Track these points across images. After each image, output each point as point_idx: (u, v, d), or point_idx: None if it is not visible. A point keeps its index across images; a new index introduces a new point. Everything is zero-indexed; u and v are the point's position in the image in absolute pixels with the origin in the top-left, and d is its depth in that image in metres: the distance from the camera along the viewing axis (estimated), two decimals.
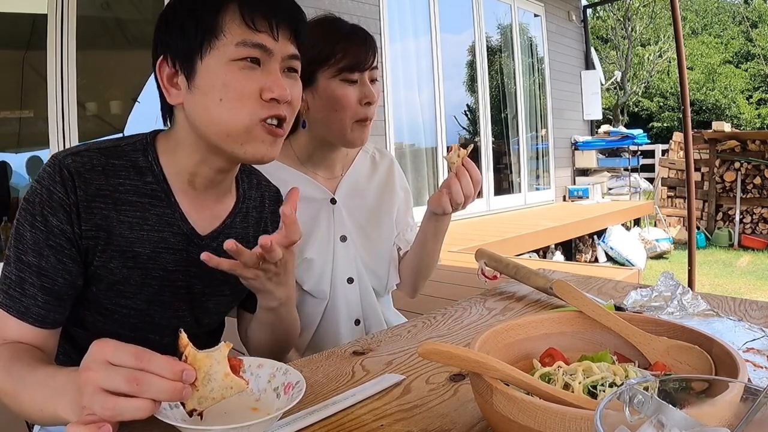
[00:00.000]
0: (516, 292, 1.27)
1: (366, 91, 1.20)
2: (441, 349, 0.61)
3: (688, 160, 4.00)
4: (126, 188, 0.86)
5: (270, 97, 0.82)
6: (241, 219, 0.99)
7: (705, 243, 7.34)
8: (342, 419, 0.71)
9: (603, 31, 18.24)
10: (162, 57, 0.84)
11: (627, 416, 0.40)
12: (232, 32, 0.81)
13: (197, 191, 0.91)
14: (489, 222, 5.89)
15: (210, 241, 0.93)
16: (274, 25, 0.83)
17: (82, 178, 0.82)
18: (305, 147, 1.29)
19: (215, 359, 0.62)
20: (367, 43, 1.21)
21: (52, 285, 0.81)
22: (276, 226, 1.03)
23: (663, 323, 0.75)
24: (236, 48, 0.81)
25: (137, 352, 0.59)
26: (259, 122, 0.83)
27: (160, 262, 0.89)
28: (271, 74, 0.83)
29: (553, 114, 7.69)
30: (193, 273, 0.93)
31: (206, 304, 0.97)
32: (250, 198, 1.02)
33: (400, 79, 5.54)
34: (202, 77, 0.82)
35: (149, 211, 0.87)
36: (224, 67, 0.81)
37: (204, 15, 0.82)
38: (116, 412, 0.58)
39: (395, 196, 1.41)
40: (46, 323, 0.82)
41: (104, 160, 0.85)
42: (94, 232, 0.83)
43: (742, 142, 7.38)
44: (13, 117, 4.28)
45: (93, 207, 0.83)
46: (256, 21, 0.82)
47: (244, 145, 0.84)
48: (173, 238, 0.89)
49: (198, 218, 0.92)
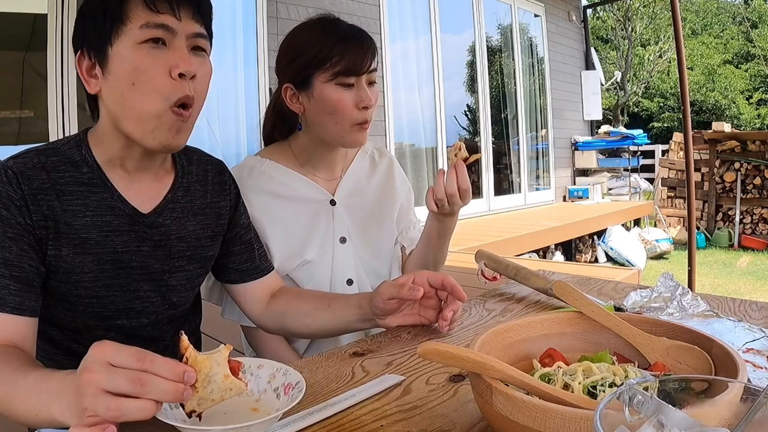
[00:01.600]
0: (516, 294, 1.27)
1: (363, 95, 1.18)
2: (441, 349, 0.61)
3: (688, 161, 4.00)
4: (66, 180, 0.91)
5: (178, 73, 0.86)
6: (183, 194, 1.03)
7: (705, 243, 7.33)
8: (342, 420, 0.71)
9: (603, 31, 18.24)
10: (80, 51, 0.89)
11: (627, 416, 0.40)
12: (137, 16, 0.85)
13: (131, 174, 0.96)
14: (489, 222, 5.89)
15: (155, 218, 0.97)
16: (175, 5, 0.87)
17: (25, 175, 0.87)
18: (304, 148, 1.29)
19: (215, 361, 0.63)
20: (365, 46, 1.19)
21: (20, 273, 0.85)
22: (221, 196, 1.09)
23: (663, 324, 0.75)
24: (141, 30, 0.85)
25: (138, 354, 0.60)
26: (169, 108, 0.87)
27: (108, 246, 0.93)
28: (177, 52, 0.87)
29: (553, 114, 7.69)
30: (146, 252, 0.97)
31: (169, 281, 1.01)
32: (191, 173, 1.06)
33: (400, 79, 5.54)
34: (114, 63, 0.86)
35: (89, 198, 0.92)
36: (132, 51, 0.85)
37: (111, 4, 0.86)
38: (120, 413, 0.58)
39: (396, 195, 1.41)
40: (23, 310, 0.84)
41: (43, 159, 0.90)
42: (43, 222, 0.88)
43: (742, 142, 7.38)
44: (13, 117, 4.28)
45: (39, 199, 0.88)
46: (157, 3, 0.86)
47: (153, 132, 0.88)
48: (116, 220, 0.94)
49: (137, 198, 0.96)
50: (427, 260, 1.33)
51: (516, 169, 7.18)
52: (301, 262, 1.26)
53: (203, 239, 1.05)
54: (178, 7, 0.87)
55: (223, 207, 1.09)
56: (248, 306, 1.16)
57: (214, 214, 1.08)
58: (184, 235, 1.02)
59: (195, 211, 1.04)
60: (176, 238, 1.01)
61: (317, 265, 1.27)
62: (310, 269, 1.27)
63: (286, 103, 1.24)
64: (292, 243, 1.26)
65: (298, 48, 1.20)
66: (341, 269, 1.30)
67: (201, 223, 1.05)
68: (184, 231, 1.02)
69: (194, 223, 1.04)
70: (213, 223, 1.07)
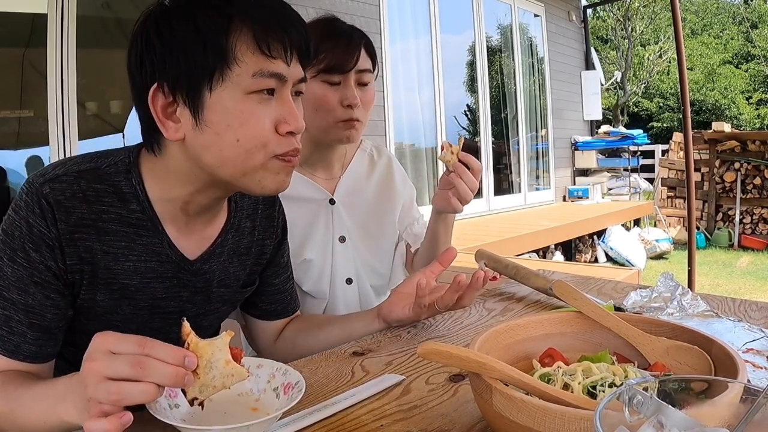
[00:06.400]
0: (516, 293, 1.27)
1: (348, 94, 1.18)
2: (441, 349, 0.61)
3: (688, 161, 4.00)
4: (110, 216, 0.79)
5: (287, 131, 0.77)
6: (233, 234, 0.93)
7: (705, 243, 7.33)
8: (342, 419, 0.71)
9: (603, 31, 18.23)
10: (156, 85, 0.73)
11: (626, 416, 0.40)
12: (247, 60, 0.72)
13: (188, 217, 0.85)
14: (489, 222, 5.88)
15: (201, 265, 0.88)
16: (288, 48, 0.75)
17: (62, 207, 0.76)
18: (303, 148, 1.29)
19: (217, 347, 0.63)
20: (352, 45, 1.18)
21: (41, 321, 0.77)
22: (268, 233, 1.00)
23: (662, 324, 0.75)
24: (253, 79, 0.73)
25: (139, 340, 0.60)
26: (274, 157, 0.77)
27: (148, 292, 0.84)
28: (285, 104, 0.77)
29: (553, 114, 7.69)
30: (185, 298, 0.89)
31: (201, 323, 0.94)
32: (242, 208, 0.96)
33: (400, 79, 5.53)
34: (213, 112, 0.73)
35: (135, 241, 0.81)
36: (240, 102, 0.73)
37: (211, 36, 0.71)
38: (121, 396, 0.57)
39: (396, 193, 1.41)
40: (38, 358, 0.78)
41: (85, 185, 0.78)
42: (78, 265, 0.78)
43: (742, 142, 7.38)
44: (12, 116, 4.28)
45: (76, 239, 0.77)
46: (271, 46, 0.73)
47: (261, 181, 0.78)
48: (161, 267, 0.84)
49: (187, 244, 0.86)
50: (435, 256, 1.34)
51: (516, 169, 7.18)
52: (301, 261, 1.26)
53: (242, 280, 0.97)
54: (290, 50, 0.75)
55: (267, 246, 1.01)
56: (262, 340, 1.10)
57: (258, 252, 0.99)
58: (225, 279, 0.93)
59: (240, 252, 0.95)
60: (217, 283, 0.92)
61: (317, 264, 1.27)
62: (309, 268, 1.27)
63: None
64: (292, 242, 1.26)
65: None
66: (341, 268, 1.30)
67: (243, 264, 0.96)
68: (225, 274, 0.93)
69: (236, 265, 0.94)
70: (254, 261, 0.99)
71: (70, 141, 3.28)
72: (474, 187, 1.19)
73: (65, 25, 3.29)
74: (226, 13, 0.72)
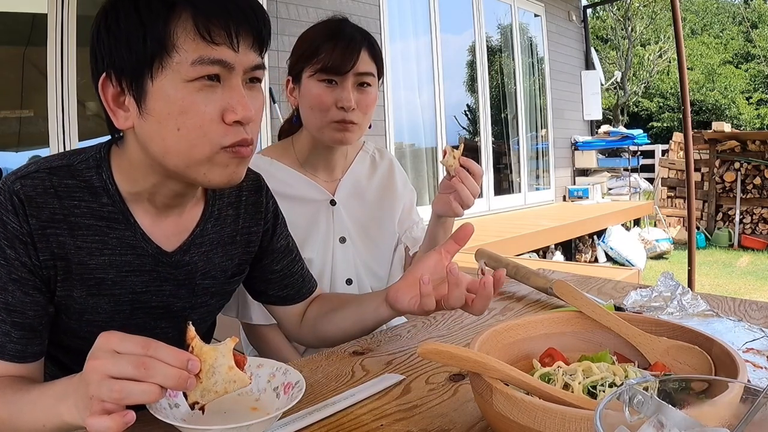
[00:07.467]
0: (516, 292, 1.27)
1: (344, 95, 1.18)
2: (441, 349, 0.61)
3: (688, 161, 4.00)
4: (82, 211, 0.79)
5: (233, 120, 0.73)
6: (213, 224, 0.91)
7: (705, 243, 7.33)
8: (341, 419, 0.71)
9: (603, 31, 18.23)
10: (104, 75, 0.74)
11: (627, 416, 0.40)
12: (186, 47, 0.71)
13: (158, 209, 0.84)
14: (489, 222, 5.88)
15: (180, 256, 0.87)
16: (234, 33, 0.72)
17: (33, 203, 0.75)
18: (305, 148, 1.30)
19: (220, 352, 0.63)
20: (352, 47, 1.18)
21: (23, 319, 0.76)
22: (254, 220, 0.97)
23: (663, 323, 0.75)
24: (192, 67, 0.71)
25: (143, 341, 0.60)
26: (221, 149, 0.74)
27: (126, 286, 0.83)
28: (233, 91, 0.74)
29: (553, 114, 7.69)
30: (167, 292, 0.87)
31: (190, 317, 0.91)
32: (222, 196, 0.93)
33: (400, 79, 5.53)
34: (155, 101, 0.72)
35: (108, 235, 0.80)
36: (180, 90, 0.71)
37: (151, 25, 0.70)
38: (123, 395, 0.58)
39: (397, 196, 1.41)
40: (25, 357, 0.77)
41: (56, 181, 0.78)
42: (51, 261, 0.77)
43: (742, 142, 7.38)
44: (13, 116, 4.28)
45: (48, 234, 0.76)
46: (212, 32, 0.71)
47: (207, 174, 0.76)
48: (138, 260, 0.83)
49: (162, 235, 0.85)
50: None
51: (516, 168, 7.18)
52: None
53: (229, 270, 0.95)
54: (237, 36, 0.72)
55: (254, 233, 0.98)
56: (288, 325, 1.09)
57: (244, 241, 0.96)
58: (210, 270, 0.91)
59: (224, 241, 0.93)
60: (201, 275, 0.90)
61: (317, 265, 1.27)
62: (309, 268, 1.26)
63: (286, 96, 1.28)
64: None
65: (298, 43, 1.24)
66: (340, 269, 1.30)
67: (228, 254, 0.94)
68: (209, 265, 0.91)
69: (221, 255, 0.93)
70: (241, 251, 0.96)
71: (70, 140, 3.28)
72: (475, 191, 1.18)
73: (65, 24, 3.29)
74: (168, 2, 0.72)
